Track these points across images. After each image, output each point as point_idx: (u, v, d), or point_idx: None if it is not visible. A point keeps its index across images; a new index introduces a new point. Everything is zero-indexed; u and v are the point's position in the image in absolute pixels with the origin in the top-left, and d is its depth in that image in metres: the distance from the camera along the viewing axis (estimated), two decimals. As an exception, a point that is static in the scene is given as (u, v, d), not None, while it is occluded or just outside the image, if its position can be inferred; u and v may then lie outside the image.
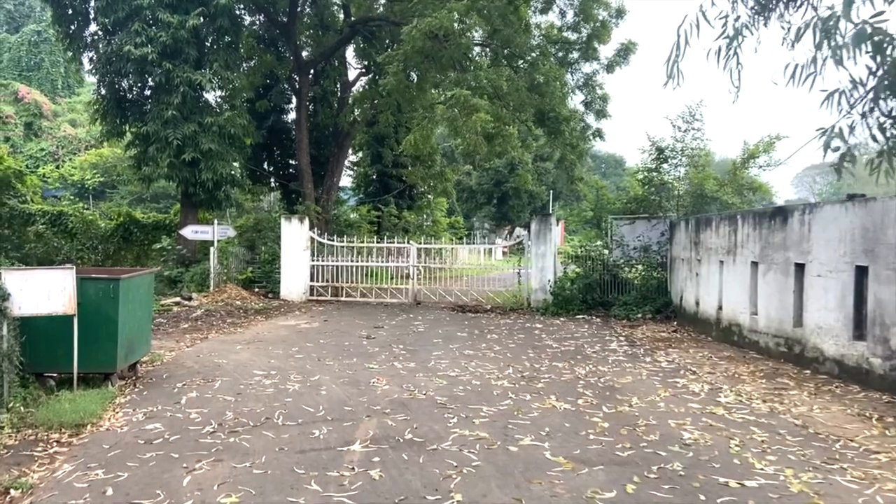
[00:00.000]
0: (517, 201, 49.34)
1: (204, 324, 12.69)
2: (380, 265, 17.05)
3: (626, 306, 14.25)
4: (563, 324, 13.04)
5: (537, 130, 16.81)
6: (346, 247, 17.12)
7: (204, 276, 16.67)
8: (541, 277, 15.19)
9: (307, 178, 20.60)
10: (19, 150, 42.31)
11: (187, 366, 8.68)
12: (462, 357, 9.28)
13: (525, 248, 15.66)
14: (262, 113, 22.03)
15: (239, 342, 10.59)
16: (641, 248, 14.81)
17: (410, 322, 13.28)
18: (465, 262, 26.16)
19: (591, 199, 16.48)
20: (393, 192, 28.84)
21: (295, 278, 16.73)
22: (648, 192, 15.63)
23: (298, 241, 16.77)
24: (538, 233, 15.27)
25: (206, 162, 16.88)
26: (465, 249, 22.29)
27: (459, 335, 11.42)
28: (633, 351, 9.91)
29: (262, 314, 14.23)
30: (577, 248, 16.18)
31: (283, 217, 17.12)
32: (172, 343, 10.50)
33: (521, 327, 12.45)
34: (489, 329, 12.20)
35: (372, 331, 11.97)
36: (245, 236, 18.35)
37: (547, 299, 15.00)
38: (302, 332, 11.74)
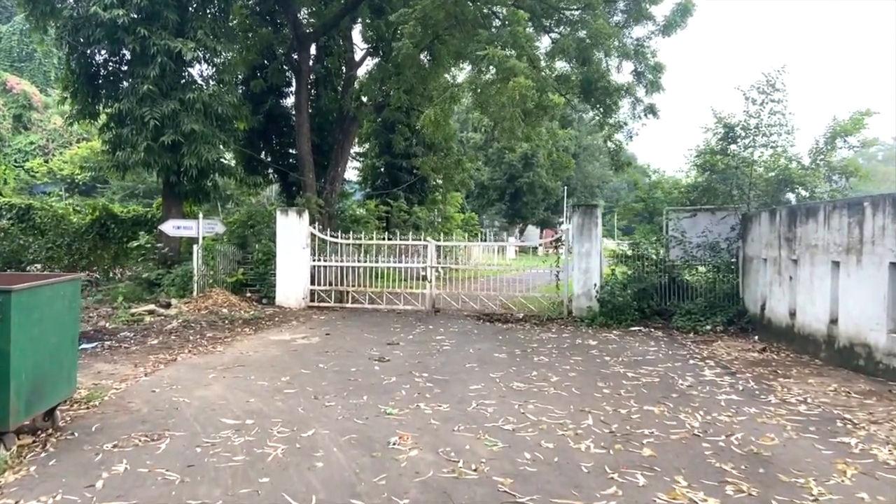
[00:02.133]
0: (531, 197, 46.82)
1: (177, 339, 10.27)
2: (394, 266, 14.60)
3: (690, 316, 11.77)
4: (619, 339, 10.56)
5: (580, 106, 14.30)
6: (352, 245, 14.68)
7: (186, 279, 14.26)
8: (584, 281, 12.71)
9: (308, 166, 18.18)
10: (7, 143, 40.10)
11: (133, 409, 6.24)
12: (512, 394, 6.81)
13: (565, 245, 13.19)
14: (258, 95, 19.60)
15: (214, 367, 8.15)
16: (707, 246, 12.33)
17: (431, 336, 10.83)
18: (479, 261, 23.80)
19: (643, 189, 14.00)
20: (403, 185, 26.41)
21: (293, 281, 14.31)
22: (712, 179, 13.13)
23: (297, 237, 14.34)
24: (581, 228, 12.79)
25: (189, 146, 14.46)
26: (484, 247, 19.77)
27: (498, 357, 8.95)
28: (738, 382, 7.41)
29: (251, 325, 11.80)
30: (625, 246, 13.67)
31: (279, 210, 14.69)
32: (128, 368, 8.08)
33: (572, 344, 9.97)
34: (531, 347, 9.73)
35: (385, 349, 9.53)
36: (236, 233, 15.94)
37: (592, 307, 12.52)
38: (297, 352, 9.30)
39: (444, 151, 20.92)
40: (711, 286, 12.13)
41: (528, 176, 44.92)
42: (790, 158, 12.21)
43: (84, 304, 13.90)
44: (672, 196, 13.63)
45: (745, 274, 11.96)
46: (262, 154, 21.63)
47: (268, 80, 18.68)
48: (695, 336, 10.99)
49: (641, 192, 13.88)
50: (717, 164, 13.12)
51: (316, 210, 16.75)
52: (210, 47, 14.86)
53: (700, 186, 13.24)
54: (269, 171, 22.18)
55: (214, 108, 14.84)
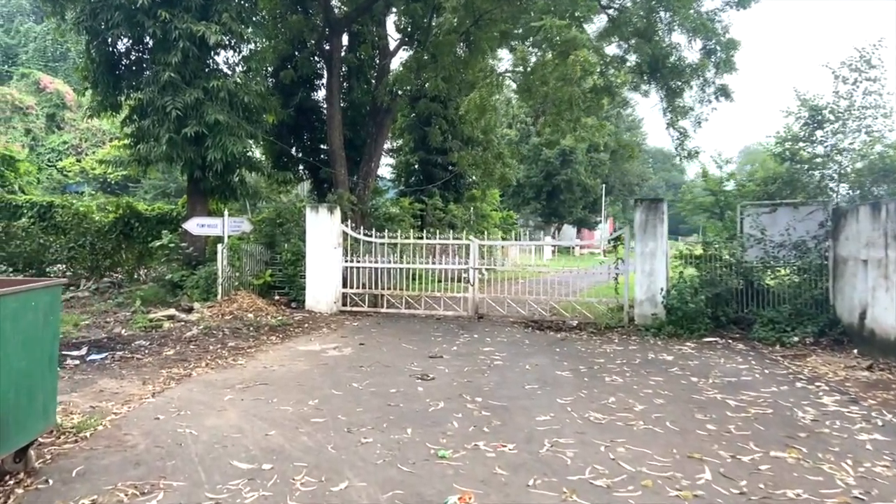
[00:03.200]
0: (569, 195, 45.24)
1: (196, 349, 9.17)
2: (434, 267, 13.36)
3: (773, 326, 10.30)
4: (697, 353, 9.15)
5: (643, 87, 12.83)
6: (387, 244, 13.49)
7: (210, 282, 13.23)
8: (649, 285, 11.30)
9: (340, 161, 17.07)
10: (41, 142, 39.99)
11: (129, 444, 5.11)
12: (591, 429, 5.50)
13: (624, 245, 11.79)
14: (287, 87, 18.55)
15: (232, 385, 7.01)
16: (790, 246, 10.83)
17: (478, 348, 9.56)
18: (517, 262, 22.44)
19: (712, 181, 12.50)
20: (438, 182, 25.19)
21: (323, 283, 13.17)
22: (794, 170, 11.61)
23: (328, 236, 13.20)
24: (644, 225, 11.39)
25: (214, 138, 13.45)
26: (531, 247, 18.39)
27: (561, 375, 7.63)
28: (870, 414, 5.98)
29: (277, 333, 10.67)
30: (691, 245, 12.21)
31: (309, 207, 13.57)
32: (135, 386, 6.99)
33: (644, 360, 8.59)
34: (597, 362, 8.38)
35: (427, 364, 8.29)
36: (263, 231, 14.88)
37: (657, 314, 11.12)
38: (327, 367, 8.11)
39: (482, 145, 19.63)
40: (796, 291, 10.63)
41: (566, 173, 43.37)
42: (890, 145, 10.63)
43: (103, 308, 12.99)
44: (746, 189, 12.13)
45: (836, 277, 10.43)
46: (292, 149, 20.62)
47: (298, 70, 17.60)
48: (782, 349, 9.52)
49: (711, 184, 12.41)
50: (799, 152, 11.60)
51: (348, 207, 15.62)
52: (236, 32, 13.82)
53: (779, 178, 11.72)
54: (299, 167, 21.19)
55: (240, 98, 13.81)
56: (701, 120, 12.55)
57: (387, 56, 19.04)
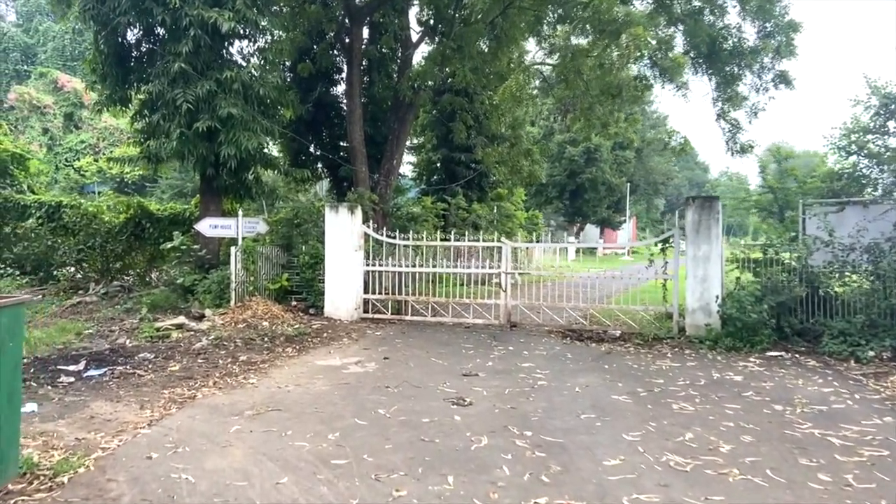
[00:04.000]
0: (593, 194, 44.00)
1: (204, 364, 8.29)
2: (462, 271, 12.38)
3: (844, 338, 9.19)
4: (767, 372, 8.06)
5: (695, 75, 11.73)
6: (412, 246, 12.56)
7: (223, 286, 12.36)
8: (702, 291, 10.23)
9: (360, 158, 16.17)
10: (58, 142, 39.62)
11: (112, 494, 4.20)
12: (674, 477, 4.48)
13: (674, 247, 10.73)
14: (305, 81, 17.72)
15: (241, 412, 6.09)
16: (862, 249, 9.71)
17: (516, 363, 8.57)
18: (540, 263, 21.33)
19: (772, 178, 11.39)
20: (461, 180, 24.22)
21: (343, 289, 12.26)
22: (863, 165, 10.48)
23: (348, 238, 12.28)
24: (697, 226, 10.32)
25: (227, 133, 12.59)
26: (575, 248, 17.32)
27: (618, 400, 6.62)
28: None
29: (294, 344, 9.76)
30: (747, 248, 11.12)
31: (328, 206, 12.66)
32: (131, 412, 6.10)
33: (709, 380, 7.54)
34: (656, 383, 7.35)
35: (462, 384, 7.32)
36: (280, 232, 13.99)
37: (711, 325, 10.04)
38: (349, 387, 7.17)
39: (510, 141, 18.62)
40: (869, 300, 9.49)
41: (591, 171, 42.15)
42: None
43: (110, 315, 12.18)
44: (809, 186, 11.01)
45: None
46: (310, 147, 19.79)
47: (316, 63, 16.71)
48: (858, 366, 8.42)
49: (771, 181, 11.29)
50: (867, 145, 10.46)
51: (369, 207, 14.71)
52: (251, 20, 12.93)
53: (846, 174, 10.59)
54: (317, 165, 20.34)
55: (255, 90, 12.94)
56: (757, 110, 11.44)
57: (409, 48, 18.10)
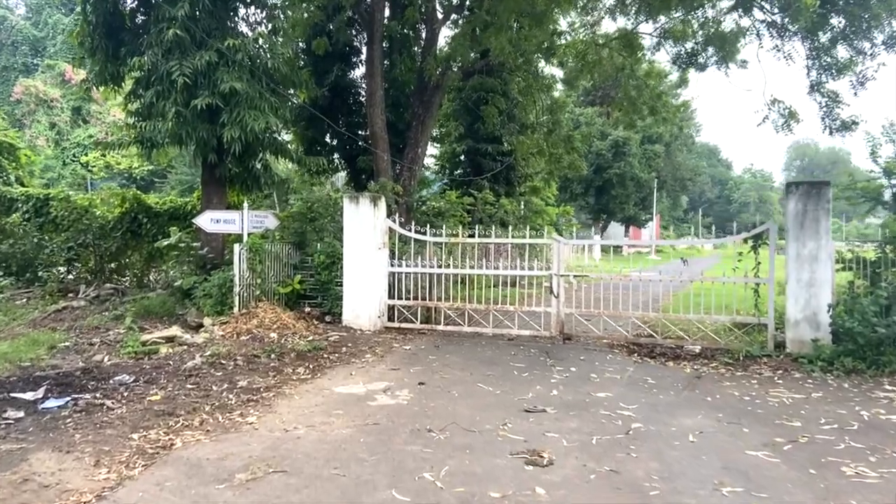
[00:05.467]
0: (621, 190, 41.86)
1: (193, 393, 6.53)
2: (505, 273, 10.53)
3: None
4: (920, 406, 6.17)
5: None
6: (445, 243, 10.75)
7: (225, 290, 10.63)
8: (807, 299, 8.31)
9: (382, 144, 14.40)
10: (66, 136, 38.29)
11: None
12: None
13: (769, 244, 8.80)
14: (321, 61, 15.93)
15: (230, 475, 4.31)
16: None
17: (588, 391, 6.71)
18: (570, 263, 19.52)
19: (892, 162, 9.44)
20: (487, 173, 22.38)
21: (365, 293, 10.48)
22: None
23: (371, 234, 10.50)
24: (801, 217, 8.40)
25: (230, 112, 10.87)
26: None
27: (757, 457, 4.73)
28: None
29: (307, 362, 7.98)
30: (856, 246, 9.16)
31: (347, 198, 10.89)
32: (80, 471, 4.39)
33: (857, 419, 5.63)
34: (790, 426, 5.46)
35: (528, 426, 5.49)
36: (291, 228, 12.23)
37: (820, 340, 8.12)
38: (380, 429, 5.36)
39: (547, 127, 16.73)
40: None
41: (619, 166, 40.04)
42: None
43: (96, 323, 10.49)
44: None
45: None
46: (326, 136, 18.05)
47: (332, 38, 14.91)
48: None
49: (891, 164, 9.35)
50: None
51: (392, 199, 12.92)
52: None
53: None
54: (333, 155, 18.59)
55: (263, 62, 11.21)
56: (864, 79, 9.51)
57: (435, 24, 16.25)
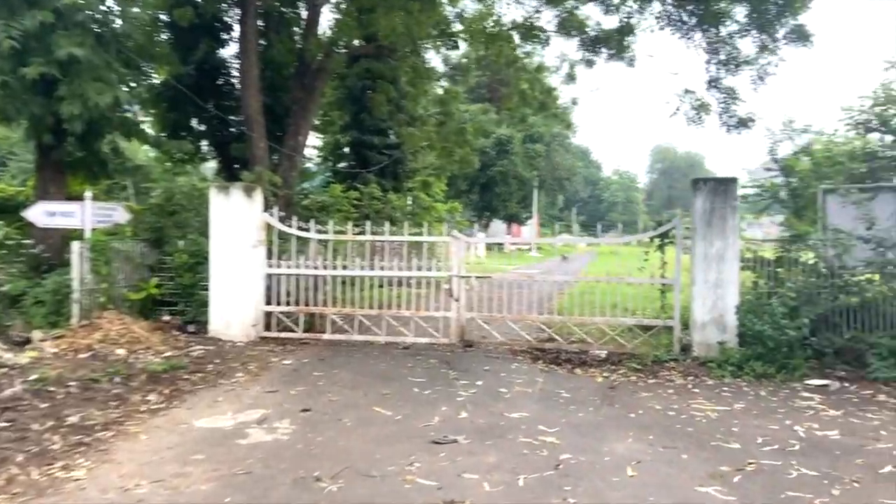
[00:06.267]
0: (504, 188, 42.12)
1: (4, 435, 5.00)
2: (405, 274, 9.50)
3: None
4: (843, 414, 5.83)
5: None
6: (332, 241, 9.59)
7: (61, 297, 8.85)
8: (714, 300, 7.98)
9: (257, 129, 12.90)
10: None
11: None
12: None
13: (676, 244, 8.42)
14: (187, 35, 14.09)
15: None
16: None
17: (501, 411, 5.87)
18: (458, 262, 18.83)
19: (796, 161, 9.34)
20: (373, 166, 21.28)
21: (237, 298, 9.10)
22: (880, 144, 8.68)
23: (244, 229, 9.14)
24: (709, 215, 8.05)
25: (70, 84, 9.06)
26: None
27: (711, 496, 4.06)
28: None
29: (161, 386, 6.56)
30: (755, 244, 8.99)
31: (216, 188, 9.43)
32: None
33: (793, 436, 5.15)
34: (727, 448, 4.88)
35: (438, 462, 4.53)
36: (148, 223, 10.55)
37: (726, 343, 7.82)
38: (253, 480, 4.20)
39: (439, 119, 15.91)
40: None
41: (503, 164, 40.21)
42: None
43: None
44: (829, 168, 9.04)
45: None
46: (191, 119, 16.17)
47: (199, 9, 13.19)
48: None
49: (794, 162, 9.25)
50: (890, 120, 8.62)
51: (270, 191, 11.51)
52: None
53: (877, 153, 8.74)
54: (200, 142, 16.72)
55: (109, 26, 9.48)
56: (764, 74, 9.42)
57: (317, 1, 14.90)
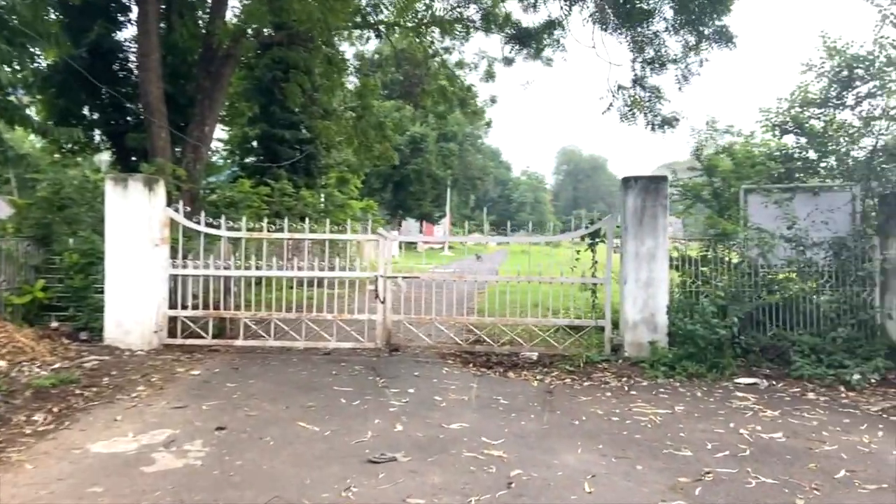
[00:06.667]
0: (419, 187, 41.82)
1: None
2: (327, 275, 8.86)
3: (819, 358, 7.38)
4: (780, 414, 5.82)
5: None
6: (245, 239, 8.85)
7: (-75, 303, 7.67)
8: (645, 299, 7.90)
9: (158, 117, 11.88)
10: None
11: None
12: None
13: (607, 242, 8.29)
14: (78, 14, 12.90)
15: None
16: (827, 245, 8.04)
17: (438, 422, 5.45)
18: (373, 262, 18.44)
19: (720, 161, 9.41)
20: (284, 161, 20.39)
21: (136, 302, 8.21)
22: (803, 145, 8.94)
23: (144, 226, 8.27)
24: (640, 214, 7.97)
25: (-66, 58, 7.89)
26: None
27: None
28: None
29: (49, 406, 5.70)
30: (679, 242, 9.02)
31: (112, 180, 8.47)
32: None
33: (739, 439, 5.03)
34: (680, 455, 4.69)
35: (377, 485, 4.05)
36: (33, 219, 9.40)
37: (657, 342, 7.77)
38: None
39: (356, 112, 15.29)
40: (836, 308, 7.79)
41: (417, 162, 39.85)
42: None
43: None
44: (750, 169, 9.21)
45: (888, 290, 7.77)
46: (83, 107, 14.78)
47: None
48: (856, 395, 6.58)
49: (717, 161, 9.33)
50: (808, 121, 8.89)
51: (173, 185, 10.56)
52: None
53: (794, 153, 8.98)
54: (94, 131, 15.34)
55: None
56: (688, 74, 9.51)
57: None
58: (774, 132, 9.26)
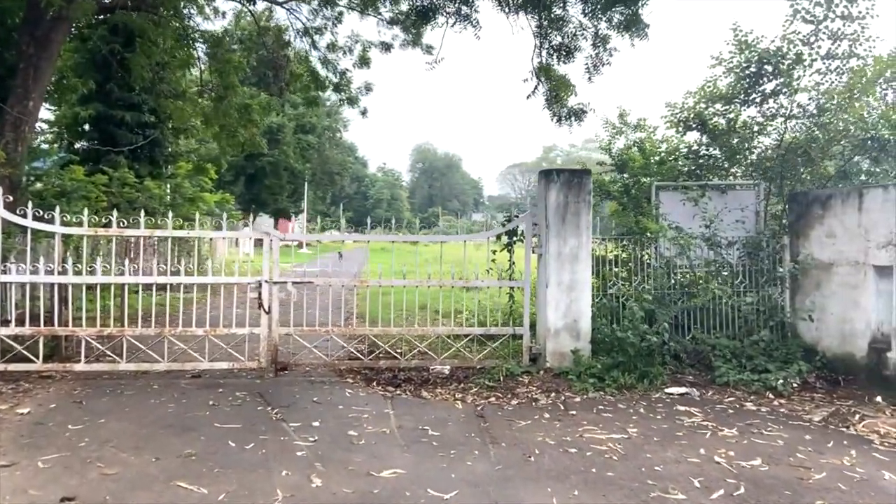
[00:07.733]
0: (275, 181, 39.33)
1: None
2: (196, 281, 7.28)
3: (739, 362, 7.12)
4: (740, 433, 5.32)
5: None
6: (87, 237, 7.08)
7: None
8: (568, 304, 7.22)
9: (-35, 85, 9.46)
10: None
11: None
12: None
13: (525, 241, 7.51)
14: None
15: None
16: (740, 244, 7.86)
17: (364, 470, 4.32)
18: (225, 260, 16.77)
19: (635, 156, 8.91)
20: (123, 147, 17.82)
21: (-67, 321, 6.20)
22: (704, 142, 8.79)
23: (-56, 220, 6.27)
24: (562, 211, 7.27)
25: None
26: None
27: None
28: None
29: None
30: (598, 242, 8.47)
31: None
32: None
33: (713, 468, 4.40)
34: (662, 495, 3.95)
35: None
36: None
37: (580, 351, 7.13)
38: None
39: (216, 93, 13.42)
40: (753, 310, 7.59)
41: (273, 155, 37.39)
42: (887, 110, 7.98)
43: None
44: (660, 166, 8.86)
45: (799, 290, 7.71)
46: None
47: None
48: (786, 401, 6.34)
49: (631, 157, 8.84)
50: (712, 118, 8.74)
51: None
52: None
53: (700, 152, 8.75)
54: None
55: None
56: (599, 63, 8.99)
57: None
58: (678, 128, 9.01)
